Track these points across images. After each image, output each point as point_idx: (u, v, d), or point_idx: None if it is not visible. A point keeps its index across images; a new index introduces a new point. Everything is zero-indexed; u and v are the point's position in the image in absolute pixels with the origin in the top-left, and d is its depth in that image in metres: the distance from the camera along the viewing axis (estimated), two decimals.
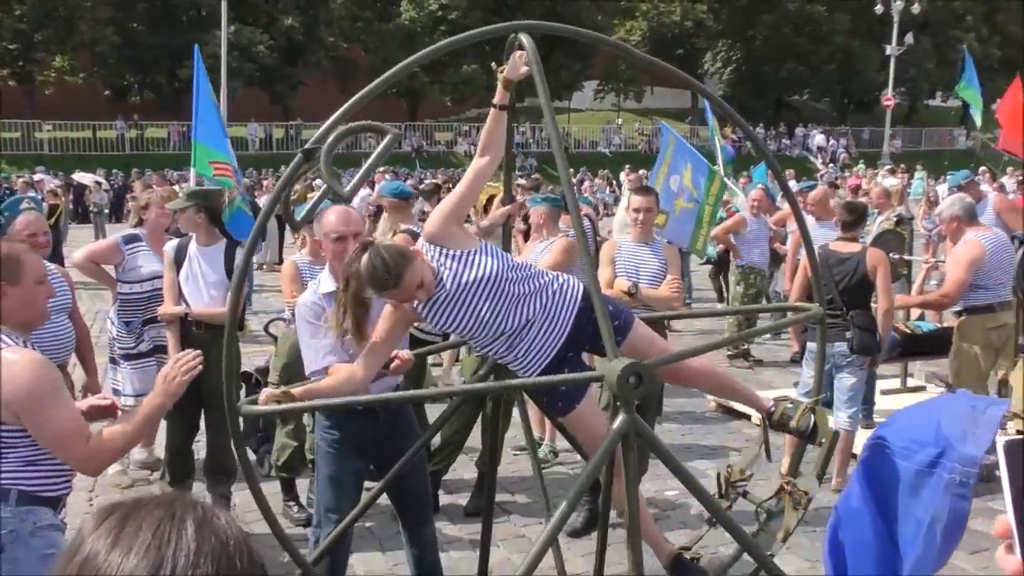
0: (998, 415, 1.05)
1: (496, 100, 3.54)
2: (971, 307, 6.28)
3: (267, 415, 3.42)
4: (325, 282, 4.03)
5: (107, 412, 3.27)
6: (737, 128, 11.41)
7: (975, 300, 6.26)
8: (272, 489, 5.64)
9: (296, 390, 3.47)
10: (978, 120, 16.22)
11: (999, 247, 6.42)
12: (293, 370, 5.68)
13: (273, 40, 40.89)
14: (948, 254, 6.59)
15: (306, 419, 5.95)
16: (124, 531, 1.01)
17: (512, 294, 3.45)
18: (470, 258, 3.43)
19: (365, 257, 3.34)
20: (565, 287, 3.55)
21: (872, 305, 6.21)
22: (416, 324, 4.90)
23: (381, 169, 26.19)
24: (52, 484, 2.98)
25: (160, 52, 39.86)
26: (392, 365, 3.74)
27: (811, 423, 3.65)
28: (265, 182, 24.40)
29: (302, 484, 5.91)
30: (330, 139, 2.92)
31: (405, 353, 3.85)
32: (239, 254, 5.47)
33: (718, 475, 3.96)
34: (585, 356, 3.89)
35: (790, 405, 3.71)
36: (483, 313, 3.42)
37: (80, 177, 26.37)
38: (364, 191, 22.44)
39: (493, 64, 3.61)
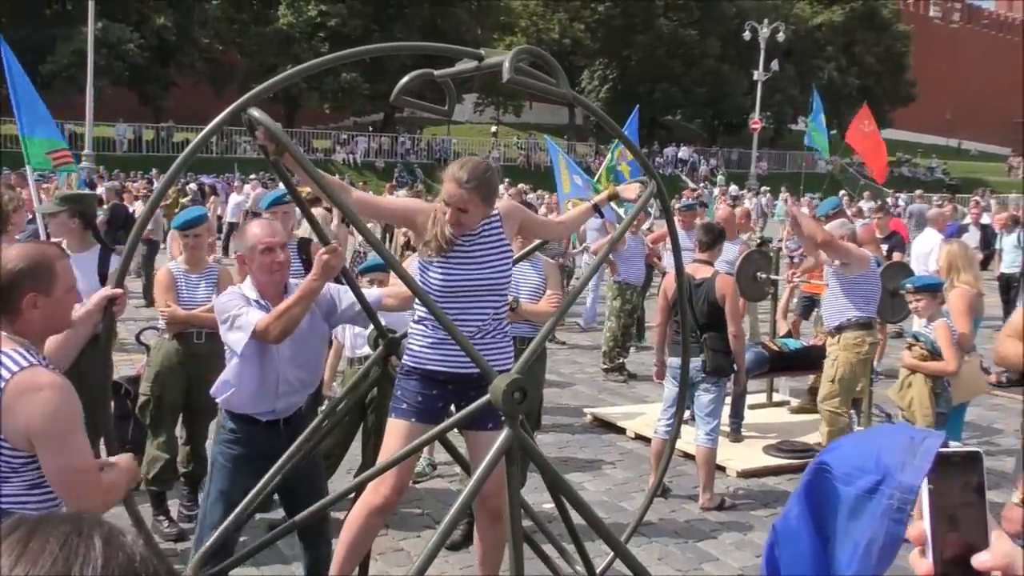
0: (935, 447, 1.13)
1: (596, 200, 4.47)
2: (858, 320, 6.44)
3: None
4: (247, 289, 3.97)
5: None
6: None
7: (863, 312, 6.45)
8: (140, 502, 5.44)
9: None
10: (826, 153, 17.54)
11: (876, 266, 6.79)
12: (166, 379, 5.56)
13: (144, 39, 39.50)
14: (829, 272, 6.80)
15: (178, 431, 5.81)
16: (30, 546, 0.99)
17: (489, 309, 3.75)
18: (510, 256, 3.85)
19: (486, 162, 3.86)
20: (508, 349, 3.88)
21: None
22: None
23: (253, 177, 25.66)
24: (52, 506, 2.68)
25: (21, 46, 37.88)
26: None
27: None
28: (135, 184, 23.36)
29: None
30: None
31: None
32: (114, 260, 5.29)
33: None
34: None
35: None
36: (473, 292, 3.71)
37: None
38: (239, 197, 22.00)
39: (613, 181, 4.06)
